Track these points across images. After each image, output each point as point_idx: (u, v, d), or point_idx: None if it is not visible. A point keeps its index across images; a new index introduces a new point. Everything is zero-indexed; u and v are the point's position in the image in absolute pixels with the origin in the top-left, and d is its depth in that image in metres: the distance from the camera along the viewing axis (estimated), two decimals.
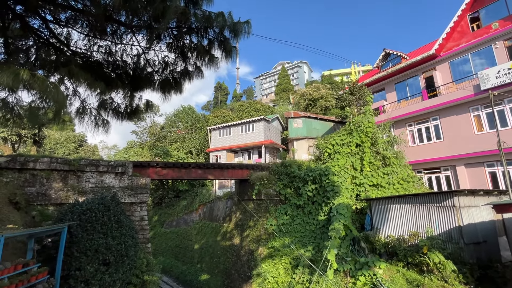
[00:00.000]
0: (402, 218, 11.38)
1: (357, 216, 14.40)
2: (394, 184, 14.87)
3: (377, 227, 12.40)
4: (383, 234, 11.91)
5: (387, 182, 14.87)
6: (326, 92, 36.35)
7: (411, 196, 11.30)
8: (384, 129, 17.54)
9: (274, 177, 16.74)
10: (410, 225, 11.01)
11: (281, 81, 71.55)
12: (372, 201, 13.09)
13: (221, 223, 19.47)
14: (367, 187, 14.91)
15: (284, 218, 15.50)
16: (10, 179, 9.55)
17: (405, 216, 11.27)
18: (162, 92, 4.65)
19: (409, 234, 10.70)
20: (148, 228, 12.10)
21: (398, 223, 11.49)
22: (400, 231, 11.28)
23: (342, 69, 67.85)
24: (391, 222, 11.81)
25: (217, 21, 4.13)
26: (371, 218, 13.01)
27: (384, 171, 15.16)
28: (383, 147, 15.95)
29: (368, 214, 13.36)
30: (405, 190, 14.61)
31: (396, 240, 10.94)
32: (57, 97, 2.51)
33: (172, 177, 14.51)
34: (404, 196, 11.64)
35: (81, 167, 10.82)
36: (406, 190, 14.62)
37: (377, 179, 14.96)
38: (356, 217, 14.30)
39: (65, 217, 8.20)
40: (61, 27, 3.64)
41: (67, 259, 7.68)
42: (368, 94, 18.88)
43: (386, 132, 17.69)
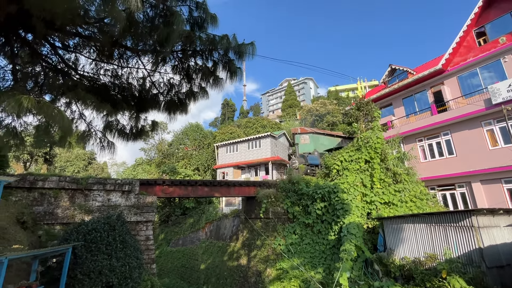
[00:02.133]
0: (417, 238, 10.81)
1: (369, 236, 13.79)
2: (406, 202, 14.31)
3: (391, 248, 11.80)
4: (398, 256, 11.29)
5: (399, 200, 14.33)
6: (333, 107, 36.37)
7: (426, 215, 10.79)
8: (393, 145, 17.17)
9: (281, 194, 16.40)
10: (426, 246, 10.42)
11: (287, 97, 72.29)
12: (384, 220, 12.56)
13: (228, 242, 18.99)
14: (378, 205, 14.38)
15: (293, 237, 15.00)
16: (19, 198, 9.62)
17: (420, 237, 10.71)
18: (168, 112, 4.68)
19: (425, 256, 10.10)
20: (153, 248, 11.86)
21: (413, 244, 10.91)
22: (415, 253, 10.68)
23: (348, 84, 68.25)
24: (406, 242, 11.23)
25: (221, 44, 4.19)
26: (383, 238, 12.42)
27: (396, 188, 14.66)
28: (393, 163, 15.53)
29: (380, 233, 12.78)
30: (418, 209, 14.01)
31: (412, 263, 10.33)
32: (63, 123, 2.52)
33: (178, 195, 14.40)
34: (418, 215, 11.12)
35: (88, 185, 10.86)
36: (420, 209, 14.02)
37: (388, 197, 14.44)
38: (368, 237, 13.69)
39: (71, 237, 8.11)
40: (69, 53, 3.76)
41: (70, 281, 7.50)
42: (375, 109, 18.73)
43: (396, 147, 17.31)
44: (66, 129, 2.84)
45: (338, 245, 13.40)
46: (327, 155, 18.49)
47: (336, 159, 16.78)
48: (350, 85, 66.75)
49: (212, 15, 4.37)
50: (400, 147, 17.84)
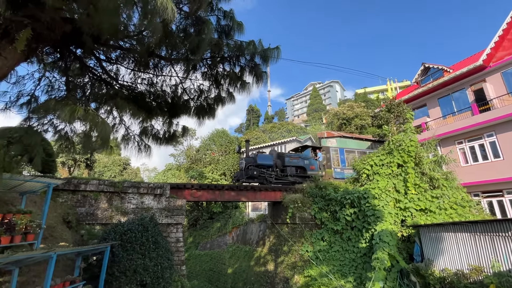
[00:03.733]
0: (460, 248, 9.94)
1: (404, 245, 12.96)
2: (446, 209, 13.26)
3: (429, 258, 10.98)
4: (437, 267, 10.46)
5: (437, 207, 13.33)
6: (361, 110, 35.12)
7: (470, 223, 9.91)
8: (429, 148, 16.11)
9: (308, 199, 16.09)
10: (470, 257, 9.54)
11: (312, 101, 71.31)
12: (421, 228, 11.75)
13: (255, 247, 18.97)
14: (413, 211, 13.50)
15: (321, 244, 14.58)
16: (64, 199, 10.53)
17: (463, 247, 9.84)
18: (197, 117, 4.90)
19: (469, 269, 9.24)
20: (183, 250, 12.24)
21: (455, 255, 10.05)
22: (458, 264, 9.82)
23: (377, 86, 65.58)
24: (446, 253, 10.38)
25: (248, 49, 4.33)
26: (420, 248, 11.61)
27: (433, 194, 13.68)
28: (430, 167, 14.54)
29: (416, 242, 11.96)
30: (460, 216, 12.91)
31: (454, 275, 9.51)
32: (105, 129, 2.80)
33: (206, 199, 14.76)
34: (461, 223, 10.26)
35: (124, 189, 11.57)
36: (462, 216, 12.90)
37: (425, 203, 13.51)
38: (402, 246, 12.88)
39: (109, 237, 8.68)
40: (112, 64, 4.15)
41: (108, 278, 8.00)
42: (408, 111, 17.77)
43: (432, 151, 16.21)
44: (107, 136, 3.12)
45: (370, 253, 12.76)
46: (356, 159, 17.77)
47: (366, 163, 16.12)
48: (380, 87, 64.09)
49: (239, 22, 4.53)
50: (436, 150, 16.68)
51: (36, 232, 7.00)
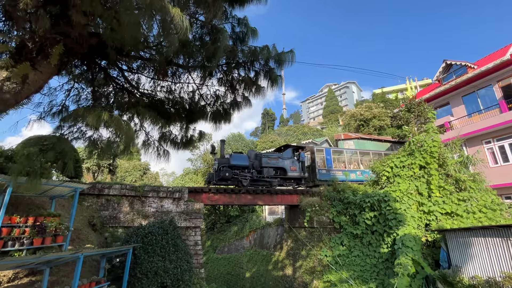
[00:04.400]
0: (491, 254, 9.35)
1: (428, 250, 12.38)
2: (474, 212, 12.54)
3: (457, 264, 10.40)
4: (466, 274, 9.89)
5: (464, 210, 12.63)
6: (379, 111, 34.16)
7: (503, 227, 9.30)
8: (454, 148, 15.36)
9: (326, 203, 15.81)
10: (503, 264, 8.94)
11: (328, 103, 70.32)
12: (447, 232, 11.18)
13: (272, 251, 18.85)
14: (438, 215, 12.88)
15: (340, 248, 14.24)
16: (90, 203, 11.07)
17: (495, 253, 9.24)
18: (214, 122, 5.04)
19: (503, 276, 8.65)
20: (201, 253, 12.42)
21: (486, 261, 9.46)
22: (489, 272, 9.23)
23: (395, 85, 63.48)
24: (476, 259, 9.79)
25: (262, 54, 4.42)
26: (447, 253, 11.02)
27: (459, 197, 12.99)
28: (455, 169, 13.84)
29: (442, 248, 11.38)
30: (490, 220, 12.15)
31: (485, 283, 8.95)
32: (128, 133, 2.96)
33: (223, 202, 14.92)
34: (492, 227, 9.65)
35: (144, 193, 11.97)
36: (492, 220, 12.14)
37: (450, 206, 12.85)
38: (427, 251, 12.30)
39: (131, 239, 9.00)
40: (133, 74, 4.39)
41: (131, 280, 8.28)
42: (429, 110, 17.08)
43: (457, 151, 15.44)
44: (131, 139, 3.29)
45: (392, 259, 12.30)
46: (375, 161, 17.26)
47: (386, 165, 15.63)
48: (398, 86, 62.04)
49: (253, 29, 4.63)
50: (462, 150, 15.87)
51: (65, 234, 7.41)
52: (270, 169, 16.30)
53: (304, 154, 17.78)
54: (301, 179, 17.35)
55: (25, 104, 3.34)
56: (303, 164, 17.41)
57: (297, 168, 17.19)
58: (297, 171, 17.16)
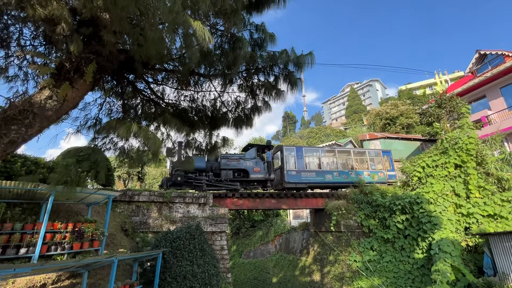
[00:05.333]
0: None
1: (470, 256, 11.44)
2: None
3: (504, 271, 9.49)
4: None
5: (509, 212, 11.54)
6: (406, 108, 32.53)
7: None
8: (493, 145, 14.17)
9: (353, 206, 15.28)
10: None
11: (351, 103, 68.37)
12: (491, 236, 10.27)
13: (298, 256, 18.53)
14: (479, 218, 11.88)
15: (370, 254, 13.63)
16: (122, 209, 11.66)
17: None
18: (235, 128, 5.14)
19: None
20: (228, 258, 12.53)
21: None
22: None
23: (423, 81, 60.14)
24: None
25: (281, 58, 4.45)
26: (492, 259, 10.11)
27: (503, 197, 11.90)
28: (496, 167, 12.74)
29: (486, 253, 10.46)
30: None
31: None
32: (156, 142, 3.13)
33: (247, 207, 14.99)
34: None
35: (172, 199, 12.38)
36: None
37: (493, 208, 11.81)
38: (468, 257, 11.37)
39: (160, 244, 9.34)
40: (158, 85, 4.64)
41: (161, 283, 8.57)
42: (463, 104, 15.97)
43: (498, 147, 14.22)
44: (158, 148, 3.46)
45: (429, 265, 11.53)
46: (404, 161, 16.40)
47: (416, 164, 14.80)
48: (426, 81, 58.72)
49: (271, 34, 4.68)
50: (503, 146, 14.58)
51: (101, 239, 7.88)
52: (229, 172, 15.06)
53: (270, 154, 16.21)
54: (266, 182, 15.79)
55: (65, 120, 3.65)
56: (269, 165, 15.84)
57: (261, 170, 15.65)
58: (261, 173, 15.57)
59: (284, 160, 15.88)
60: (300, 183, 15.58)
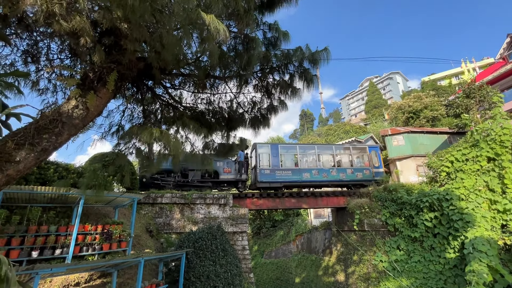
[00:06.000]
0: None
1: (509, 256, 10.64)
2: None
3: None
4: None
5: None
6: (431, 100, 30.94)
7: None
8: None
9: (377, 204, 14.78)
10: None
11: (370, 98, 66.17)
12: None
13: (321, 256, 18.22)
14: None
15: (397, 253, 13.11)
16: (146, 211, 12.09)
17: None
18: (252, 128, 5.15)
19: None
20: (249, 258, 12.59)
21: None
22: None
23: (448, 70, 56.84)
24: None
25: (295, 56, 4.40)
26: None
27: None
28: None
29: None
30: None
31: None
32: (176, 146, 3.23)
33: (267, 207, 14.98)
34: None
35: (193, 200, 12.66)
36: None
37: None
38: (507, 257, 10.59)
39: (183, 244, 9.57)
40: (176, 90, 4.77)
41: (186, 283, 8.78)
42: (494, 93, 14.90)
43: None
44: (178, 151, 3.56)
45: (462, 265, 10.88)
46: (430, 156, 15.58)
47: (444, 159, 14.02)
48: (452, 70, 55.43)
49: (284, 32, 4.64)
50: None
51: (127, 240, 8.22)
52: (197, 172, 14.51)
53: (243, 153, 15.48)
54: (237, 182, 15.26)
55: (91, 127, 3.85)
56: (241, 165, 15.22)
57: (232, 170, 15.06)
58: (232, 174, 15.00)
59: (258, 158, 15.16)
60: (274, 182, 14.83)
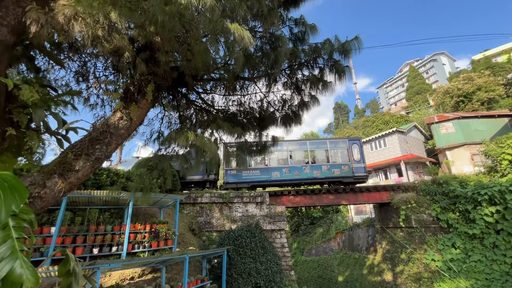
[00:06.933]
0: None
1: None
2: None
3: None
4: None
5: None
6: (485, 80, 27.47)
7: None
8: None
9: (425, 198, 13.66)
10: None
11: (411, 83, 61.08)
12: None
13: (365, 254, 17.43)
14: None
15: (453, 252, 11.98)
16: (188, 211, 12.78)
17: None
18: (284, 126, 5.12)
19: None
20: (289, 255, 12.57)
21: None
22: None
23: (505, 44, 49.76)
24: None
25: (324, 49, 4.25)
26: None
27: None
28: None
29: None
30: None
31: None
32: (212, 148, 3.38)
33: (304, 204, 14.79)
34: None
35: (230, 199, 13.04)
36: None
37: None
38: None
39: (224, 242, 9.93)
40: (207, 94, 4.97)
41: (228, 279, 9.10)
42: None
43: None
44: (214, 153, 3.71)
45: None
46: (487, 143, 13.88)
47: (505, 145, 12.41)
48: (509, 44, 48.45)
49: (311, 25, 4.52)
50: None
51: (173, 238, 8.79)
52: None
53: None
54: (205, 183, 15.04)
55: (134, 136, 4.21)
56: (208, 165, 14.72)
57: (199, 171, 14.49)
58: (199, 174, 14.79)
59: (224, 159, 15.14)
60: (241, 182, 14.66)
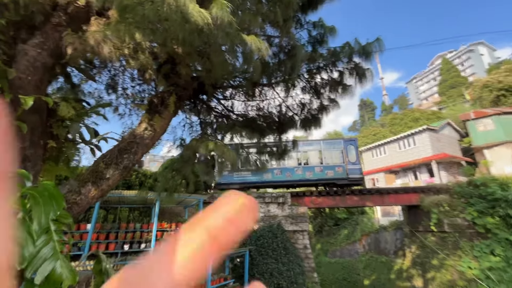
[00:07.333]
0: None
1: None
2: None
3: None
4: None
5: None
6: None
7: None
8: None
9: (459, 201, 12.79)
10: None
11: (445, 77, 57.04)
12: None
13: (393, 258, 16.73)
14: None
15: (492, 259, 11.12)
16: None
17: None
18: (304, 129, 5.11)
19: None
20: (312, 257, 12.44)
21: None
22: None
23: None
24: None
25: (343, 52, 4.18)
26: None
27: None
28: None
29: None
30: None
31: None
32: (230, 156, 3.50)
33: (327, 205, 14.55)
34: None
35: None
36: None
37: None
38: None
39: (246, 242, 10.10)
40: (227, 101, 5.12)
41: (250, 279, 9.26)
42: None
43: None
44: (233, 160, 3.83)
45: None
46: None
47: None
48: None
49: (330, 27, 4.46)
50: None
51: None
52: None
53: None
54: None
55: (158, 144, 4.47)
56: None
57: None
58: None
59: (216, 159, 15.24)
60: (232, 183, 14.67)
